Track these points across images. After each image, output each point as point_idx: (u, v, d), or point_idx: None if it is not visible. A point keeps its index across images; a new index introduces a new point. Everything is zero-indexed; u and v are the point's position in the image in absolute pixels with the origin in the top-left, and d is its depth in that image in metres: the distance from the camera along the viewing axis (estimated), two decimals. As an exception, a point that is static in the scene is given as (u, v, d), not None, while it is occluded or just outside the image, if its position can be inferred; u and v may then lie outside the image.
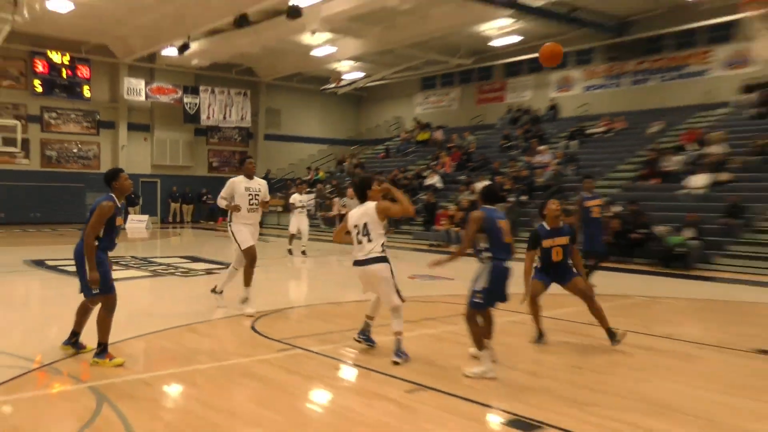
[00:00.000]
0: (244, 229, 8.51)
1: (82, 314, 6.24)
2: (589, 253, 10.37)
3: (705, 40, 23.54)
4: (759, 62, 20.67)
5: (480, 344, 5.76)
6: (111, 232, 6.01)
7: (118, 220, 6.01)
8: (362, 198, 6.32)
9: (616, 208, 16.35)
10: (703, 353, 6.95)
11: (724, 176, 17.64)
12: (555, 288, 7.32)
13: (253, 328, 7.69)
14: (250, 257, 8.44)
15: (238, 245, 8.46)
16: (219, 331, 7.64)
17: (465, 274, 6.04)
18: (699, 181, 17.68)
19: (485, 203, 6.07)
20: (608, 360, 6.52)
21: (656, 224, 15.90)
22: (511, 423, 4.67)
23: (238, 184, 8.59)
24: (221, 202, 8.73)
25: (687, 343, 7.41)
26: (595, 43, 25.69)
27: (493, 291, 5.80)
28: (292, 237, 16.86)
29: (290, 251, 16.60)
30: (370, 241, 6.08)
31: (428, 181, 25.11)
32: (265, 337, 7.25)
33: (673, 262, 14.97)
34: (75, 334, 6.28)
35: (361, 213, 6.20)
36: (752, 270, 14.29)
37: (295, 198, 16.90)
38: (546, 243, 6.90)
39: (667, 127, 22.46)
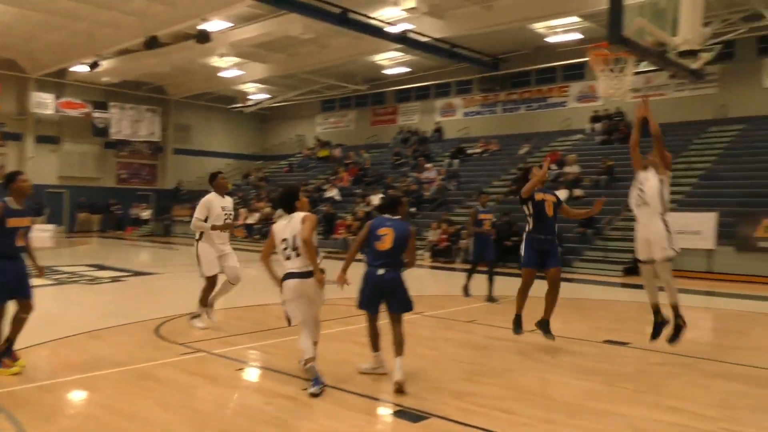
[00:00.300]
0: (212, 252, 7.26)
1: (15, 323, 5.54)
2: (481, 262, 10.42)
3: (562, 77, 24.97)
4: (603, 98, 22.17)
5: (372, 345, 5.52)
6: (6, 236, 5.32)
7: (12, 222, 5.32)
8: (289, 209, 5.35)
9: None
10: (564, 345, 7.23)
11: (579, 192, 18.69)
12: (445, 289, 7.38)
13: (157, 332, 7.25)
14: (209, 284, 7.35)
15: (202, 270, 7.30)
16: (122, 337, 7.14)
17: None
18: (559, 195, 18.59)
19: (380, 212, 5.74)
20: (484, 354, 6.63)
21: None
22: (399, 414, 4.62)
23: (214, 203, 7.24)
24: (201, 225, 7.21)
25: (550, 336, 7.68)
26: (473, 76, 26.60)
27: (362, 295, 5.36)
28: None
29: None
30: (299, 255, 5.11)
31: (328, 194, 25.03)
32: (169, 341, 6.84)
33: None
34: (8, 340, 5.53)
35: (289, 226, 5.21)
36: (603, 272, 15.19)
37: None
38: (538, 196, 6.68)
39: (533, 149, 23.56)
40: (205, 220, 7.21)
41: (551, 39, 21.85)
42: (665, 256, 6.03)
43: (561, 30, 21.15)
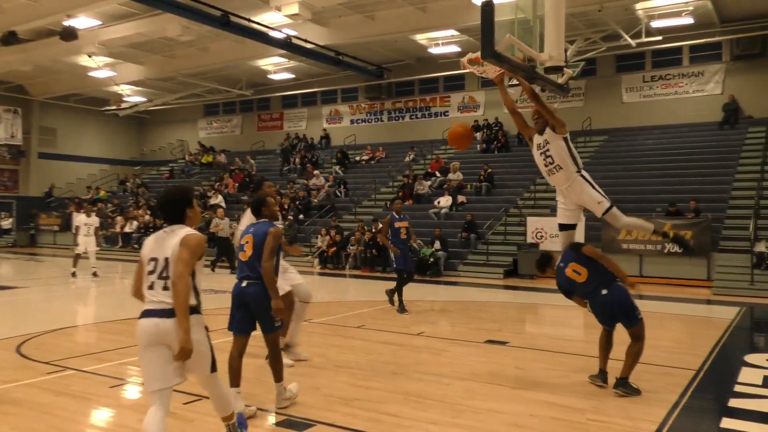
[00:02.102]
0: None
1: None
2: (404, 271, 10.00)
3: (444, 88, 25.92)
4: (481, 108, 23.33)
5: (231, 378, 4.67)
6: None
7: None
8: (174, 217, 3.65)
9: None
10: (448, 347, 7.47)
11: (461, 198, 19.45)
12: (334, 296, 7.34)
13: (18, 351, 6.65)
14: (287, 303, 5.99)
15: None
16: (-22, 358, 6.48)
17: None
18: (444, 202, 19.28)
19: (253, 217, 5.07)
20: (370, 359, 6.69)
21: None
22: (285, 424, 4.55)
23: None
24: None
25: (437, 339, 7.92)
26: (358, 84, 26.91)
27: (230, 313, 4.80)
28: (78, 257, 14.94)
29: (74, 274, 14.49)
30: (166, 288, 3.46)
31: (212, 201, 24.17)
32: (32, 360, 6.30)
33: (427, 270, 16.04)
34: None
35: (165, 242, 3.54)
36: (484, 275, 15.88)
37: (81, 220, 15.30)
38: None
39: (417, 157, 24.23)
40: None
41: (433, 50, 22.60)
42: (604, 209, 5.51)
43: (441, 42, 21.94)
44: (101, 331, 8.18)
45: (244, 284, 4.72)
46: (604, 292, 5.39)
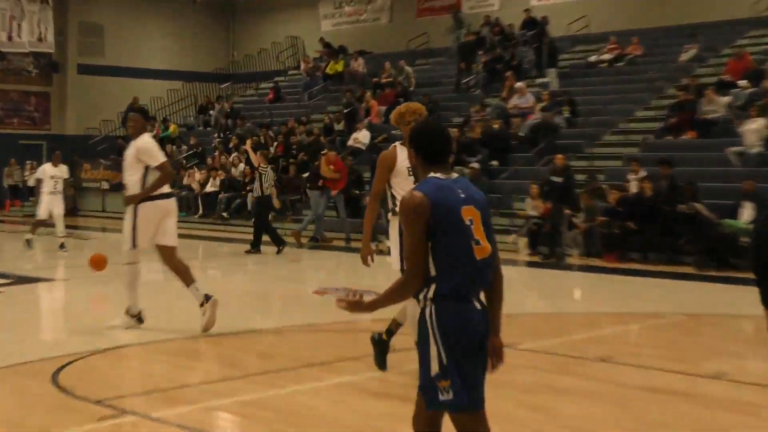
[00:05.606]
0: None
1: None
2: None
3: None
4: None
5: None
6: None
7: None
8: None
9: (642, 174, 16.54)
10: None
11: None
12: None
13: (55, 381, 7.20)
14: None
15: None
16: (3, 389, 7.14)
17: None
18: (756, 133, 17.85)
19: (427, 166, 4.03)
20: (624, 415, 6.48)
21: (696, 199, 15.86)
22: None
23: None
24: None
25: (746, 386, 7.46)
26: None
27: (461, 375, 3.61)
28: (38, 224, 17.31)
29: (29, 242, 17.21)
30: None
31: (353, 140, 24.41)
32: (75, 396, 6.79)
33: (733, 256, 14.72)
34: None
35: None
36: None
37: (46, 172, 17.14)
38: None
39: (703, 53, 22.96)
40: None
41: None
42: None
43: None
44: (171, 354, 8.62)
45: (479, 305, 3.88)
46: None
